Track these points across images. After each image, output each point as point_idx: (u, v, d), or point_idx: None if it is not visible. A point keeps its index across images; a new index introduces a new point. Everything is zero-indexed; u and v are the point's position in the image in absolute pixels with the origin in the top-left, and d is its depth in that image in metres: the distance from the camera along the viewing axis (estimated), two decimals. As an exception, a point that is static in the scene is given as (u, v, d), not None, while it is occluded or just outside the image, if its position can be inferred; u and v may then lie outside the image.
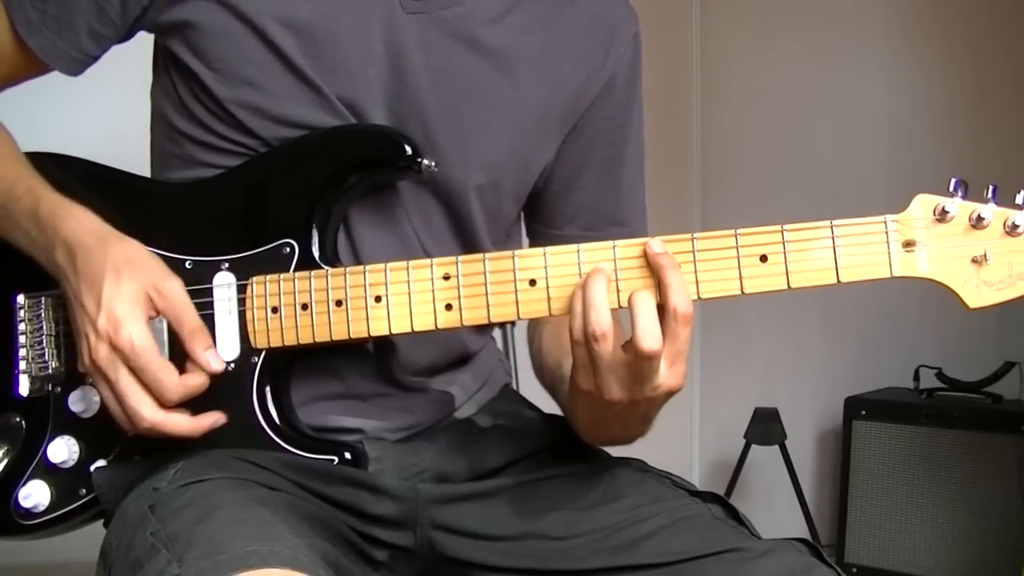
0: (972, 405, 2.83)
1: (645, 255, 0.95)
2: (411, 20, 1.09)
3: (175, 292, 1.02)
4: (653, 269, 0.95)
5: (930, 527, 2.80)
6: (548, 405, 1.28)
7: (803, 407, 3.25)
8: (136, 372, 0.99)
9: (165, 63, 1.14)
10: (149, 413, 1.00)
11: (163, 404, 1.00)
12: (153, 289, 1.01)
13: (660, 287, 0.94)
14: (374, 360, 1.12)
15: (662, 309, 0.93)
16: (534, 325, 1.25)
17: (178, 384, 1.00)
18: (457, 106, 1.10)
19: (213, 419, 1.03)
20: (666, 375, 0.93)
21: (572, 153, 1.20)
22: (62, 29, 1.10)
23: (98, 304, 1.00)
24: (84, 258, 1.02)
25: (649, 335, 0.91)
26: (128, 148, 1.31)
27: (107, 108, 2.39)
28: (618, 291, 0.97)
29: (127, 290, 1.00)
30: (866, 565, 2.89)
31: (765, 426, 2.99)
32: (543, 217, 1.24)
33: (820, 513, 3.18)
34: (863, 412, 2.94)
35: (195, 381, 1.01)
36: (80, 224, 1.04)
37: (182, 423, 1.02)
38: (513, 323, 1.70)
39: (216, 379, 1.05)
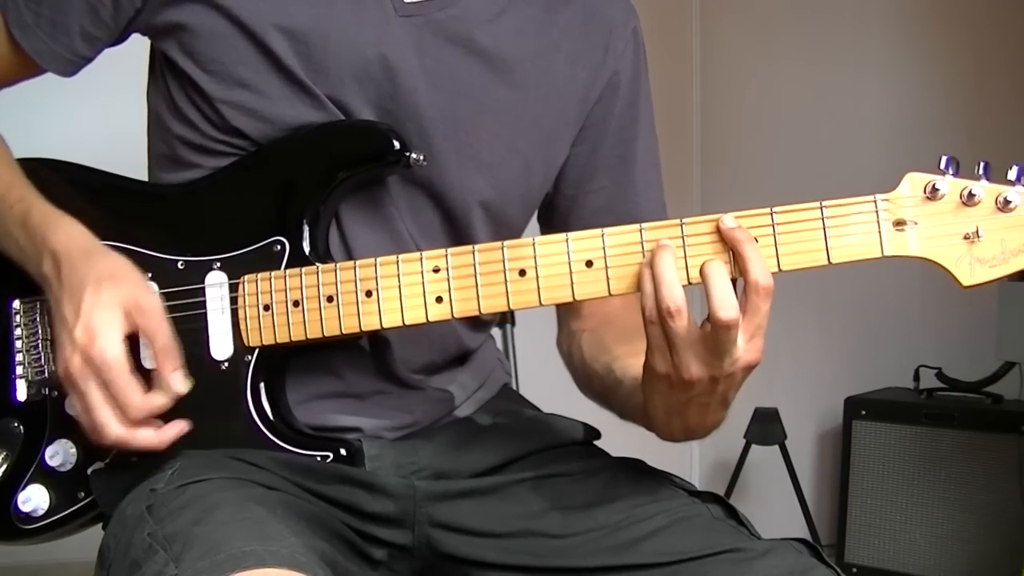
0: (972, 405, 2.83)
1: (717, 231, 0.93)
2: (404, 23, 1.09)
3: (152, 310, 1.02)
4: (729, 244, 0.93)
5: (930, 527, 2.80)
6: (548, 405, 1.28)
7: (803, 407, 3.25)
8: (105, 386, 1.00)
9: (160, 65, 1.14)
10: (114, 429, 1.00)
11: (127, 419, 1.00)
12: (133, 305, 1.02)
13: (738, 261, 0.92)
14: (371, 358, 1.12)
15: (742, 283, 0.91)
16: (568, 337, 1.23)
17: (142, 403, 1.00)
18: (452, 108, 1.10)
19: (177, 429, 1.03)
20: (745, 349, 0.91)
21: (581, 155, 1.20)
22: (55, 31, 1.10)
23: (77, 315, 1.00)
24: (69, 269, 1.03)
25: (726, 304, 0.89)
26: (126, 151, 1.31)
27: (105, 111, 2.39)
28: (607, 279, 0.96)
29: (106, 303, 1.00)
30: (866, 565, 2.89)
31: (765, 426, 2.99)
32: (560, 225, 1.22)
33: (820, 513, 3.17)
34: (863, 412, 2.94)
35: (158, 401, 1.01)
36: (69, 236, 1.05)
37: (148, 437, 1.02)
38: (513, 323, 1.70)
39: (210, 378, 1.05)
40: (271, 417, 1.06)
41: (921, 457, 2.83)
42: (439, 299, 1.01)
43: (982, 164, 0.93)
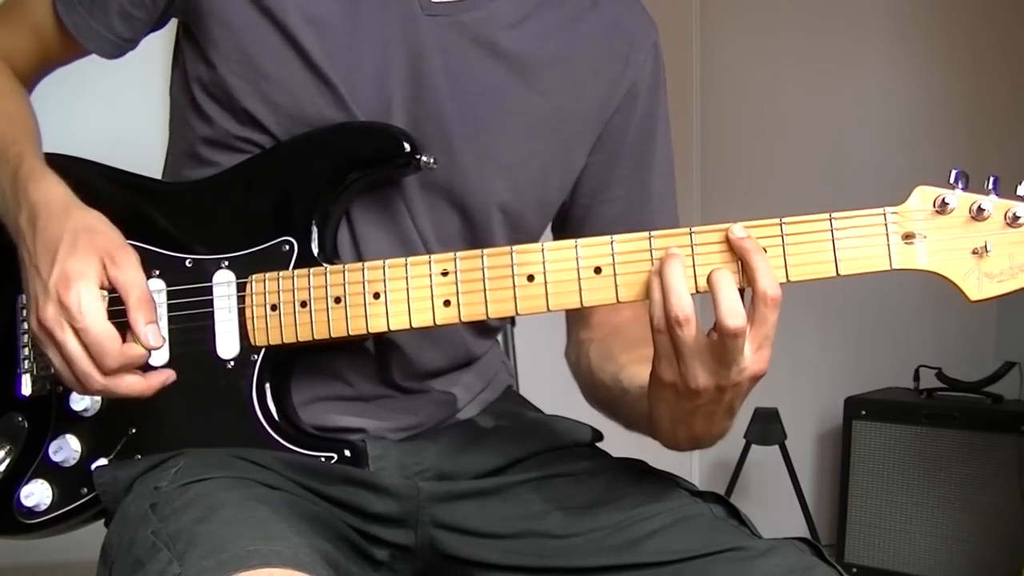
0: (972, 405, 2.83)
1: (726, 240, 0.93)
2: (430, 23, 1.09)
3: (128, 263, 1.01)
4: (738, 254, 0.93)
5: (930, 527, 2.81)
6: (548, 405, 1.28)
7: (803, 407, 3.25)
8: (79, 334, 0.98)
9: (184, 57, 1.14)
10: (97, 379, 0.99)
11: (102, 370, 0.99)
12: (108, 257, 1.01)
13: (746, 271, 0.92)
14: (377, 363, 1.12)
15: (750, 293, 0.91)
16: (577, 346, 1.23)
17: (118, 352, 0.98)
18: (473, 109, 1.10)
19: (164, 376, 1.02)
20: (752, 359, 0.91)
21: (598, 164, 1.20)
22: (95, 8, 1.12)
23: (51, 265, 0.99)
24: (44, 222, 1.02)
25: (733, 312, 0.89)
26: (129, 149, 1.31)
27: (107, 111, 2.39)
28: (615, 286, 0.97)
29: (82, 254, 0.99)
30: (866, 565, 2.89)
31: (765, 426, 2.99)
32: (574, 234, 1.20)
33: (820, 513, 3.18)
34: (863, 412, 2.94)
35: (134, 352, 0.99)
36: (50, 190, 1.04)
37: (134, 384, 1.00)
38: (513, 323, 1.70)
39: (216, 377, 1.06)
40: (276, 417, 1.06)
41: (921, 457, 2.84)
42: (447, 302, 1.01)
43: (991, 179, 0.93)
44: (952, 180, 0.93)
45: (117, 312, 1.00)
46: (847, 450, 2.95)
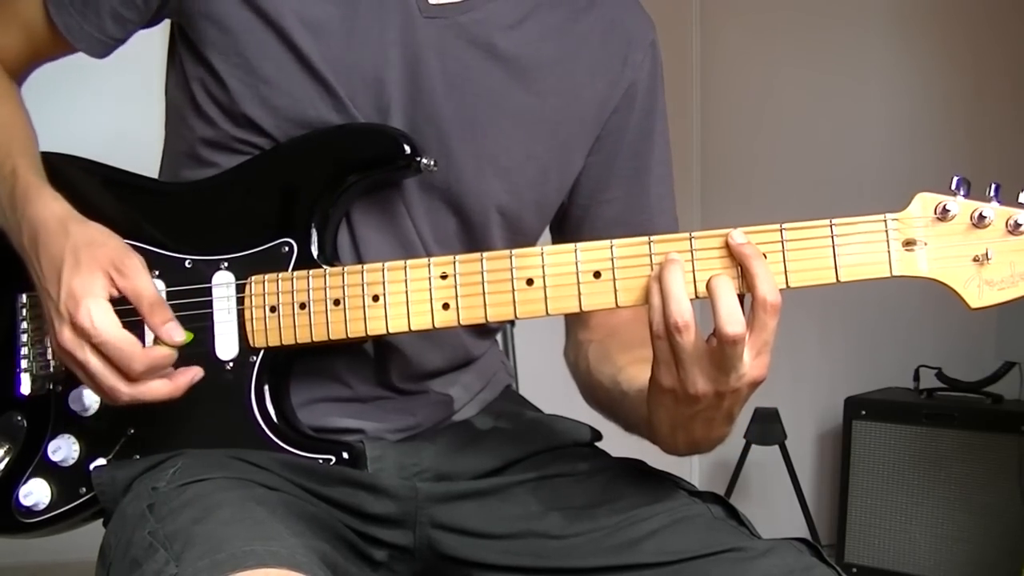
0: (972, 405, 2.83)
1: (726, 245, 0.93)
2: (428, 24, 1.09)
3: (134, 269, 1.01)
4: (737, 260, 0.93)
5: (930, 527, 2.81)
6: (548, 405, 1.28)
7: (803, 407, 3.25)
8: (99, 348, 0.98)
9: (179, 58, 1.14)
10: (125, 390, 0.99)
11: (130, 376, 0.99)
12: (113, 268, 1.01)
13: (746, 277, 0.92)
14: (375, 364, 1.12)
15: (750, 299, 0.91)
16: (575, 347, 1.23)
17: (142, 355, 0.99)
18: (471, 111, 1.10)
19: (191, 375, 1.02)
20: (751, 365, 0.91)
21: (596, 165, 1.19)
22: (87, 10, 1.12)
23: (59, 286, 0.99)
24: (45, 242, 1.02)
25: (732, 319, 0.89)
26: (129, 149, 1.31)
27: (106, 109, 2.39)
28: (615, 291, 0.97)
29: (86, 270, 1.00)
30: (866, 565, 2.89)
31: (765, 426, 2.99)
32: (572, 235, 1.21)
33: (820, 513, 3.18)
34: (863, 412, 2.94)
35: (159, 352, 1.00)
36: (46, 208, 1.04)
37: (161, 388, 1.01)
38: (512, 323, 1.70)
39: (214, 378, 1.05)
40: (274, 419, 1.06)
41: (921, 457, 2.84)
42: (446, 306, 1.01)
43: (993, 186, 0.93)
44: (953, 187, 0.93)
45: (132, 319, 1.00)
46: (847, 450, 2.95)
